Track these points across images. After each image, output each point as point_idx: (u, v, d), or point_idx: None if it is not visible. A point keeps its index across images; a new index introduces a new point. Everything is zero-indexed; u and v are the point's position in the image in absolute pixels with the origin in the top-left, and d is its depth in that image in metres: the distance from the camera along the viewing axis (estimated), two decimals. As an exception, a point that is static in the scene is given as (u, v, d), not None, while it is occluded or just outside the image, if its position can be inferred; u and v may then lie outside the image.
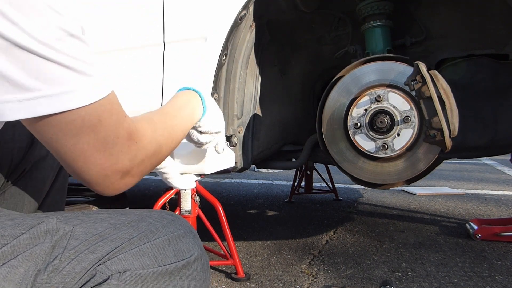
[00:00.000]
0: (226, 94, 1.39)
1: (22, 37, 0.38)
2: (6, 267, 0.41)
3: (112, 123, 0.46)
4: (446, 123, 1.10)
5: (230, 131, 1.42)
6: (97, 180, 0.47)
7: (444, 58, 1.50)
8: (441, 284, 1.46)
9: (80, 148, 0.44)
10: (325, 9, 1.60)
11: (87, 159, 0.45)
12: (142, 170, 0.51)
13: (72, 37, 0.41)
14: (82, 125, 0.43)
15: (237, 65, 1.40)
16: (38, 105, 0.40)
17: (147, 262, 0.46)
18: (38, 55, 0.39)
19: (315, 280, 1.52)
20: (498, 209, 2.70)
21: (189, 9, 1.31)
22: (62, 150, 0.44)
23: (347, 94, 1.35)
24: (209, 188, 3.46)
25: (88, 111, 0.43)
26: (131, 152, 0.48)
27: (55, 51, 0.40)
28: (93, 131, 0.44)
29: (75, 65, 0.41)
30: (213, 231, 1.58)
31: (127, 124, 0.48)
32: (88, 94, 0.42)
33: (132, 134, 0.48)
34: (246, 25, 1.37)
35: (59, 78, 0.40)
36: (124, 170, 0.48)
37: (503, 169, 5.13)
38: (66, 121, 0.42)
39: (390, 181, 1.34)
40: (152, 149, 0.52)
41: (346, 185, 3.72)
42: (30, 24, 0.38)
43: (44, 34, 0.39)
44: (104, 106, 0.44)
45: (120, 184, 0.48)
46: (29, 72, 0.39)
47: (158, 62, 1.34)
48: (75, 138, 0.43)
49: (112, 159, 0.46)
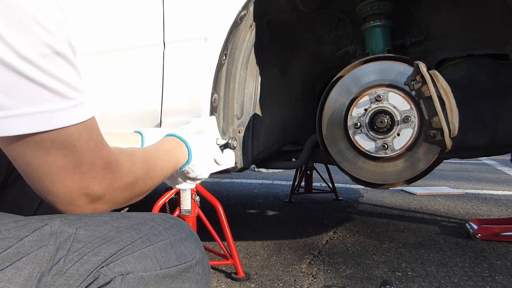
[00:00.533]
0: (226, 94, 1.39)
1: (4, 52, 0.36)
2: (11, 269, 0.41)
3: (87, 149, 0.45)
4: (446, 123, 1.10)
5: (230, 131, 1.42)
6: (63, 202, 0.46)
7: (444, 58, 1.50)
8: (441, 284, 1.46)
9: (48, 168, 0.43)
10: (325, 9, 1.60)
11: (55, 179, 0.44)
12: (114, 200, 0.50)
13: (57, 56, 0.40)
14: (52, 146, 0.42)
15: (237, 65, 1.40)
16: (8, 124, 0.39)
17: (149, 265, 0.46)
18: (16, 71, 0.37)
19: (315, 280, 1.52)
20: (498, 209, 2.70)
21: (189, 9, 1.31)
22: (29, 167, 0.43)
23: (347, 94, 1.35)
24: (209, 188, 3.46)
25: (61, 134, 0.42)
26: (105, 180, 0.47)
27: (35, 68, 0.38)
28: (63, 153, 0.43)
29: (55, 86, 0.40)
30: (213, 231, 1.58)
31: (105, 153, 0.48)
32: (64, 117, 0.41)
33: (109, 163, 0.48)
34: (246, 25, 1.37)
35: (35, 98, 0.39)
36: (94, 196, 0.47)
37: (503, 169, 5.13)
38: (36, 141, 0.41)
39: (390, 181, 1.34)
40: (127, 181, 0.51)
41: (346, 185, 3.72)
42: (14, 37, 0.37)
43: (27, 49, 0.38)
44: (80, 131, 0.44)
45: (87, 209, 0.48)
46: (4, 89, 0.38)
47: (158, 62, 1.34)
48: (44, 157, 0.42)
49: (82, 183, 0.45)
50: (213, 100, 1.29)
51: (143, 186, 0.56)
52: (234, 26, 1.29)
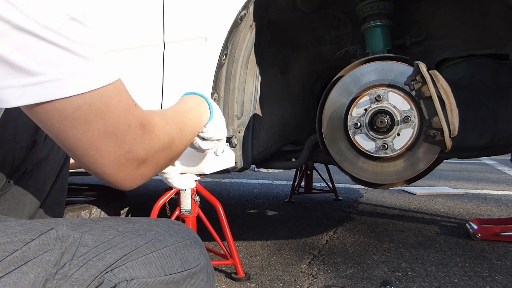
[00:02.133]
0: (226, 94, 1.39)
1: (24, 20, 0.37)
2: (17, 273, 0.41)
3: (122, 110, 0.45)
4: (446, 123, 1.10)
5: (230, 131, 1.42)
6: (112, 171, 0.46)
7: (444, 58, 1.50)
8: (441, 284, 1.46)
9: (90, 137, 0.43)
10: (325, 9, 1.60)
11: (99, 148, 0.44)
12: (157, 162, 0.50)
13: (74, 21, 0.41)
14: (90, 112, 0.42)
15: (237, 65, 1.40)
16: (43, 90, 0.39)
17: (153, 271, 0.46)
18: (42, 39, 0.38)
19: (315, 280, 1.52)
20: (498, 209, 2.70)
21: (189, 9, 1.31)
22: (71, 140, 0.43)
23: (347, 94, 1.35)
24: (209, 188, 3.46)
25: (95, 97, 0.42)
26: (145, 141, 0.47)
27: (58, 35, 0.39)
28: (102, 118, 0.43)
29: (79, 50, 0.41)
30: (213, 231, 1.58)
31: (138, 113, 0.47)
32: (94, 78, 0.42)
33: (144, 123, 0.48)
34: (246, 25, 1.37)
35: (64, 62, 0.40)
36: (139, 159, 0.47)
37: (503, 169, 5.13)
38: (73, 108, 0.41)
39: (390, 181, 1.34)
40: (165, 140, 0.51)
41: (346, 185, 3.72)
42: (33, 8, 0.38)
43: (47, 17, 0.38)
44: (111, 92, 0.44)
45: (136, 174, 0.48)
46: (33, 56, 0.38)
47: (158, 62, 1.34)
48: (84, 126, 0.42)
49: (126, 147, 0.45)
50: (213, 100, 1.29)
51: (179, 145, 0.56)
52: (234, 26, 1.29)
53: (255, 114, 1.57)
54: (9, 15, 0.36)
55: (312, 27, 1.69)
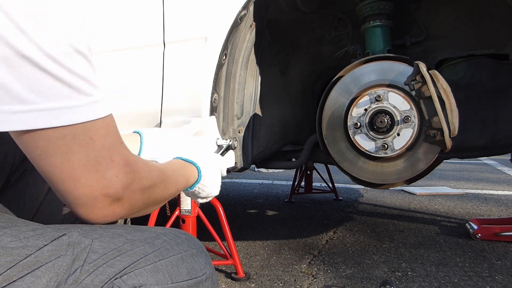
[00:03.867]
0: (226, 94, 1.39)
1: (30, 48, 0.37)
2: (30, 277, 0.42)
3: (107, 145, 0.45)
4: (446, 123, 1.10)
5: (230, 131, 1.42)
6: (84, 202, 0.45)
7: (444, 58, 1.50)
8: (441, 284, 1.46)
9: (70, 167, 0.43)
10: (325, 9, 1.60)
11: (77, 179, 0.44)
12: (132, 203, 0.50)
13: (79, 54, 0.41)
14: (73, 143, 0.42)
15: (237, 65, 1.40)
16: (32, 118, 0.39)
17: (161, 279, 0.47)
18: (43, 70, 0.38)
19: (315, 280, 1.52)
20: (498, 209, 2.70)
21: (189, 9, 1.31)
22: (50, 168, 0.43)
23: (347, 94, 1.35)
24: (209, 188, 3.45)
25: (81, 129, 0.42)
26: (127, 180, 0.47)
27: (59, 65, 0.39)
28: (84, 150, 0.43)
29: (76, 83, 0.41)
30: (213, 231, 1.58)
31: (124, 151, 0.48)
32: (84, 112, 0.42)
33: (129, 161, 0.48)
34: (246, 25, 1.37)
35: (59, 95, 0.40)
36: (115, 197, 0.46)
37: (503, 169, 5.13)
38: (57, 137, 0.41)
39: (390, 181, 1.34)
40: (146, 183, 0.51)
41: (346, 185, 3.72)
42: (41, 37, 0.38)
43: (53, 48, 0.39)
44: (99, 126, 0.44)
45: (108, 211, 0.47)
46: (30, 85, 0.38)
47: (158, 62, 1.34)
48: (65, 155, 0.42)
49: (105, 182, 0.45)
50: (213, 100, 1.29)
51: (159, 194, 0.56)
52: (234, 26, 1.29)
53: (255, 114, 1.57)
54: (15, 41, 0.37)
55: (312, 27, 1.69)
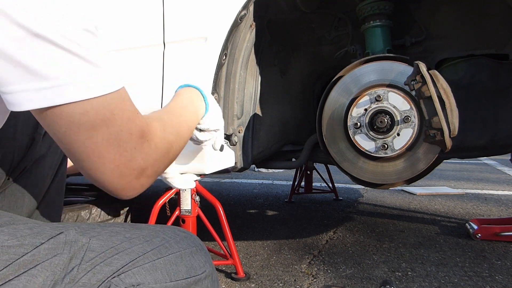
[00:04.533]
0: (226, 94, 1.39)
1: (42, 28, 0.38)
2: (26, 276, 0.42)
3: (125, 118, 0.45)
4: (446, 123, 1.10)
5: (230, 131, 1.42)
6: (112, 179, 0.46)
7: (444, 58, 1.50)
8: (441, 284, 1.46)
9: (94, 143, 0.43)
10: (325, 9, 1.60)
11: (102, 155, 0.44)
12: (156, 170, 0.51)
13: (87, 32, 0.42)
14: (96, 118, 0.43)
15: (237, 65, 1.40)
16: (54, 94, 0.40)
17: (159, 277, 0.47)
18: (57, 45, 0.39)
19: (315, 280, 1.52)
20: (498, 209, 2.70)
21: (189, 9, 1.31)
22: (75, 145, 0.43)
23: (347, 94, 1.35)
24: (209, 188, 3.46)
25: (102, 103, 0.43)
26: (144, 150, 0.48)
27: (73, 42, 0.40)
28: (106, 125, 0.43)
29: (91, 58, 0.42)
30: (213, 231, 1.58)
31: (139, 122, 0.48)
32: (103, 85, 0.43)
33: (144, 132, 0.48)
34: (246, 25, 1.37)
35: (76, 68, 0.41)
36: (139, 169, 0.47)
37: (503, 169, 5.13)
38: (80, 112, 0.42)
39: (390, 181, 1.34)
40: (163, 147, 0.52)
41: (346, 185, 3.72)
42: (51, 17, 0.39)
43: (63, 26, 0.40)
44: (116, 99, 0.45)
45: (136, 184, 0.48)
46: (47, 62, 0.39)
47: (158, 62, 1.34)
48: (89, 132, 0.43)
49: (127, 155, 0.45)
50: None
51: (177, 148, 0.57)
52: (234, 26, 1.29)
53: (255, 114, 1.57)
54: (27, 22, 0.38)
55: (312, 27, 1.69)
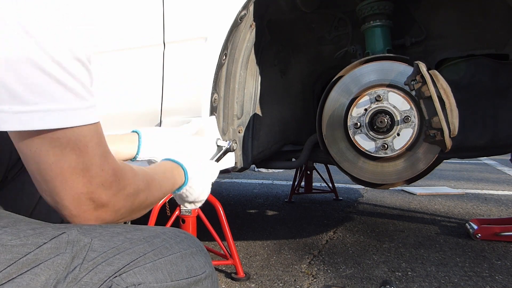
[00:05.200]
0: (226, 94, 1.39)
1: (37, 53, 0.39)
2: (29, 274, 0.42)
3: (98, 153, 0.47)
4: (446, 123, 1.10)
5: (230, 131, 1.42)
6: (70, 205, 0.47)
7: (444, 58, 1.50)
8: (441, 284, 1.46)
9: (60, 168, 0.44)
10: (325, 9, 1.60)
11: (65, 179, 0.45)
12: (117, 210, 0.51)
13: (78, 62, 0.43)
14: (67, 145, 0.44)
15: (237, 65, 1.40)
16: (31, 118, 0.41)
17: (160, 277, 0.48)
18: (44, 72, 0.40)
19: (315, 280, 1.52)
20: (498, 209, 2.70)
21: (189, 9, 1.31)
22: (42, 166, 0.45)
23: (347, 94, 1.35)
24: (209, 188, 3.45)
25: (76, 133, 0.44)
26: (111, 188, 0.49)
27: (64, 72, 0.41)
28: (76, 154, 0.45)
29: (76, 88, 0.43)
30: (213, 231, 1.58)
31: (112, 160, 0.49)
32: (82, 116, 0.44)
33: (116, 171, 0.49)
34: (246, 25, 1.37)
35: (58, 97, 0.42)
36: (99, 203, 0.48)
37: (503, 169, 5.13)
38: (53, 138, 0.43)
39: (390, 181, 1.34)
40: (130, 190, 0.53)
41: (346, 185, 3.72)
42: (49, 43, 0.40)
43: (54, 53, 0.40)
44: (91, 133, 0.46)
45: (92, 215, 0.49)
46: (32, 87, 0.40)
47: (158, 62, 1.34)
48: (58, 156, 0.44)
49: (90, 187, 0.47)
50: (213, 100, 1.29)
51: (144, 199, 0.57)
52: (234, 26, 1.29)
53: (255, 114, 1.57)
54: (20, 44, 0.39)
55: (312, 27, 1.69)
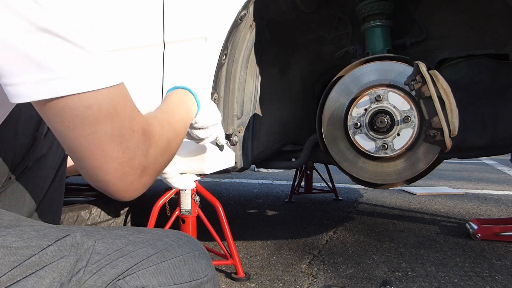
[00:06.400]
0: (226, 94, 1.39)
1: (50, 22, 0.39)
2: (34, 277, 0.42)
3: (127, 115, 0.45)
4: (446, 123, 1.10)
5: (230, 131, 1.42)
6: (116, 179, 0.45)
7: (444, 58, 1.50)
8: (441, 284, 1.46)
9: (98, 138, 0.43)
10: (325, 9, 1.60)
11: (105, 152, 0.44)
12: (157, 168, 0.51)
13: (92, 28, 0.43)
14: (100, 112, 0.43)
15: (237, 65, 1.40)
16: (57, 85, 0.40)
17: (163, 280, 0.48)
18: (62, 38, 0.40)
19: (315, 280, 1.52)
20: (498, 209, 2.70)
21: (189, 9, 1.31)
22: (78, 141, 0.43)
23: (347, 94, 1.35)
24: (209, 188, 3.46)
25: (105, 97, 0.43)
26: (146, 148, 0.48)
27: (79, 36, 0.41)
28: (110, 120, 0.43)
29: (95, 52, 0.43)
30: (213, 231, 1.58)
31: (140, 120, 0.48)
32: (106, 77, 0.43)
33: (145, 130, 0.48)
34: (246, 25, 1.37)
35: (80, 61, 0.41)
36: (141, 167, 0.47)
37: (503, 169, 5.13)
38: (84, 105, 0.42)
39: (390, 181, 1.34)
40: (163, 145, 0.52)
41: (346, 185, 3.72)
42: (60, 12, 0.40)
43: (71, 21, 0.41)
44: (119, 95, 0.45)
45: (138, 184, 0.47)
46: (52, 54, 0.39)
47: (158, 62, 1.34)
48: (93, 126, 0.43)
49: (130, 153, 0.45)
50: (213, 99, 1.29)
51: (175, 146, 0.57)
52: (234, 26, 1.29)
53: (255, 114, 1.57)
54: (35, 16, 0.38)
55: (312, 27, 1.69)
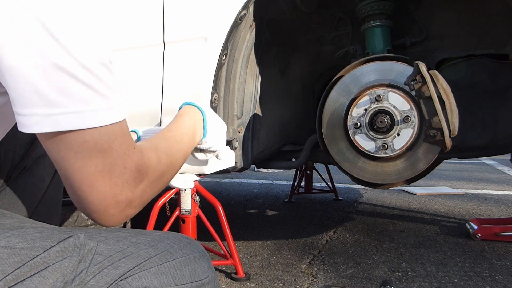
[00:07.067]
0: (226, 94, 1.39)
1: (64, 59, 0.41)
2: (38, 277, 0.43)
3: (121, 152, 0.47)
4: (446, 123, 1.10)
5: (230, 132, 1.42)
6: (98, 209, 0.47)
7: (444, 58, 1.50)
8: (441, 284, 1.46)
9: (87, 171, 0.45)
10: (325, 9, 1.60)
11: (92, 184, 0.46)
12: (143, 201, 0.52)
13: (103, 65, 0.45)
14: (94, 148, 0.45)
15: (237, 65, 1.40)
16: (61, 120, 0.42)
17: (165, 281, 0.49)
18: (75, 78, 0.42)
19: (315, 280, 1.52)
20: (498, 209, 2.70)
21: (189, 9, 1.31)
22: (69, 171, 0.45)
23: (347, 94, 1.35)
24: (209, 188, 3.46)
25: (102, 133, 0.45)
26: (136, 184, 0.49)
27: (91, 75, 0.43)
28: (101, 156, 0.45)
29: (103, 90, 0.44)
30: (213, 231, 1.58)
31: (136, 157, 0.49)
32: (107, 115, 0.45)
33: (139, 166, 0.50)
34: (246, 25, 1.37)
35: (87, 99, 0.43)
36: (126, 202, 0.49)
37: (503, 169, 5.13)
38: (80, 141, 0.44)
39: (390, 181, 1.34)
40: (155, 178, 0.53)
41: (346, 185, 3.72)
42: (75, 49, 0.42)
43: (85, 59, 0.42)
44: (117, 131, 0.46)
45: (120, 217, 0.49)
46: (62, 91, 0.42)
47: (158, 62, 1.34)
48: (84, 160, 0.45)
49: (117, 189, 0.47)
50: (213, 100, 1.29)
51: (167, 178, 0.58)
52: (234, 26, 1.29)
53: (255, 114, 1.57)
54: (51, 52, 0.40)
55: (312, 27, 1.69)
